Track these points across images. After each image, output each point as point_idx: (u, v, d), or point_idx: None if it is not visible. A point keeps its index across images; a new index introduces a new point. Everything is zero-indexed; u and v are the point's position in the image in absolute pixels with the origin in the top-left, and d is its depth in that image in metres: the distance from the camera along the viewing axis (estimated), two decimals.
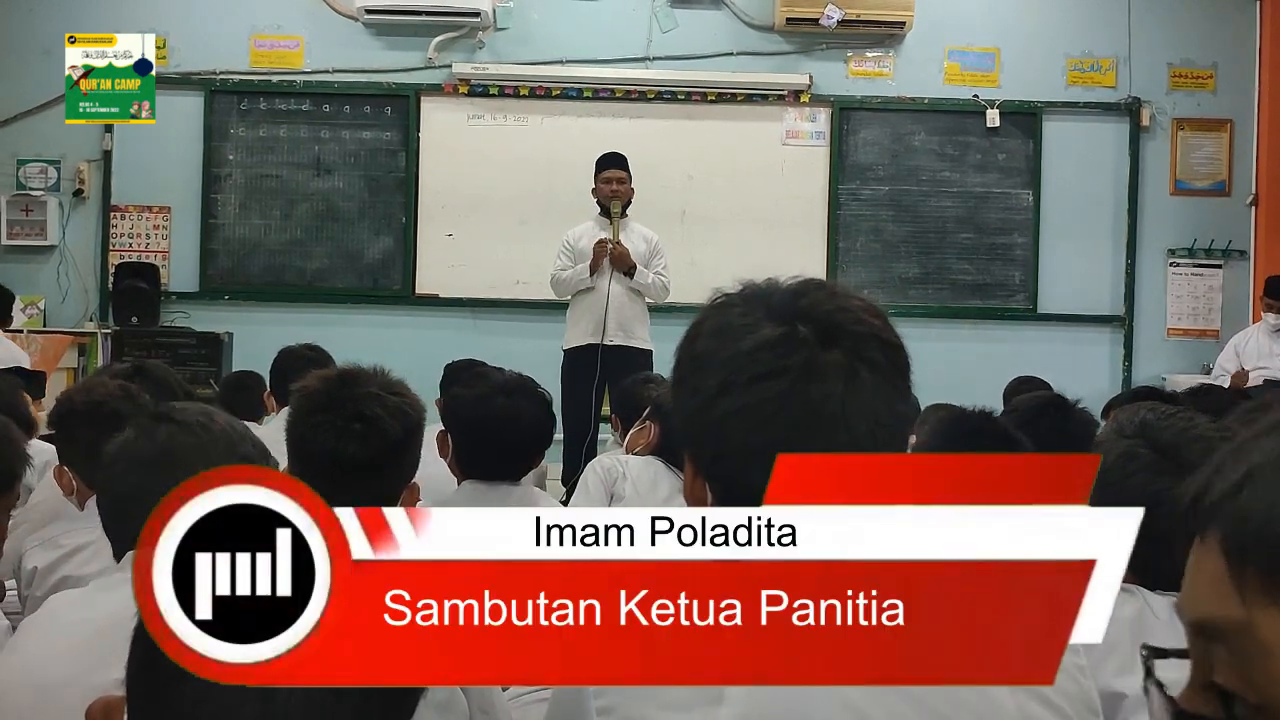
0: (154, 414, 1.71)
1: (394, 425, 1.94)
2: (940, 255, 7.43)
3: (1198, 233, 7.48)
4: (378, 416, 1.93)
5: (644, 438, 3.22)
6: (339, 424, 1.92)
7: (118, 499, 1.68)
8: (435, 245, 7.32)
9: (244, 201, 7.37)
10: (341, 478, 1.90)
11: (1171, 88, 7.48)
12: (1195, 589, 0.65)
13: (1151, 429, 1.73)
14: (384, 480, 1.96)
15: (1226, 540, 0.61)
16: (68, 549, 2.26)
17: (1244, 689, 0.60)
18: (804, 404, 1.10)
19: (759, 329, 1.13)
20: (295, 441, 1.97)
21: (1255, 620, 0.59)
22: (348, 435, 1.91)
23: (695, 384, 1.15)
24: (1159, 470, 1.68)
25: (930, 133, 7.43)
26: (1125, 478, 1.71)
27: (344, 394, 1.96)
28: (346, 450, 1.91)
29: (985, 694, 1.08)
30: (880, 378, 1.12)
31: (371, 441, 1.92)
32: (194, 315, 7.24)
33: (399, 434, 1.95)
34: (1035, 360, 6.94)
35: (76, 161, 7.32)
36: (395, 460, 1.97)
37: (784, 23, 7.19)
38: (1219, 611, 0.61)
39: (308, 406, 1.97)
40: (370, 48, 7.35)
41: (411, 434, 2.00)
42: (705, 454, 1.18)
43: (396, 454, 1.96)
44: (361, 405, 1.94)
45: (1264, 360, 6.46)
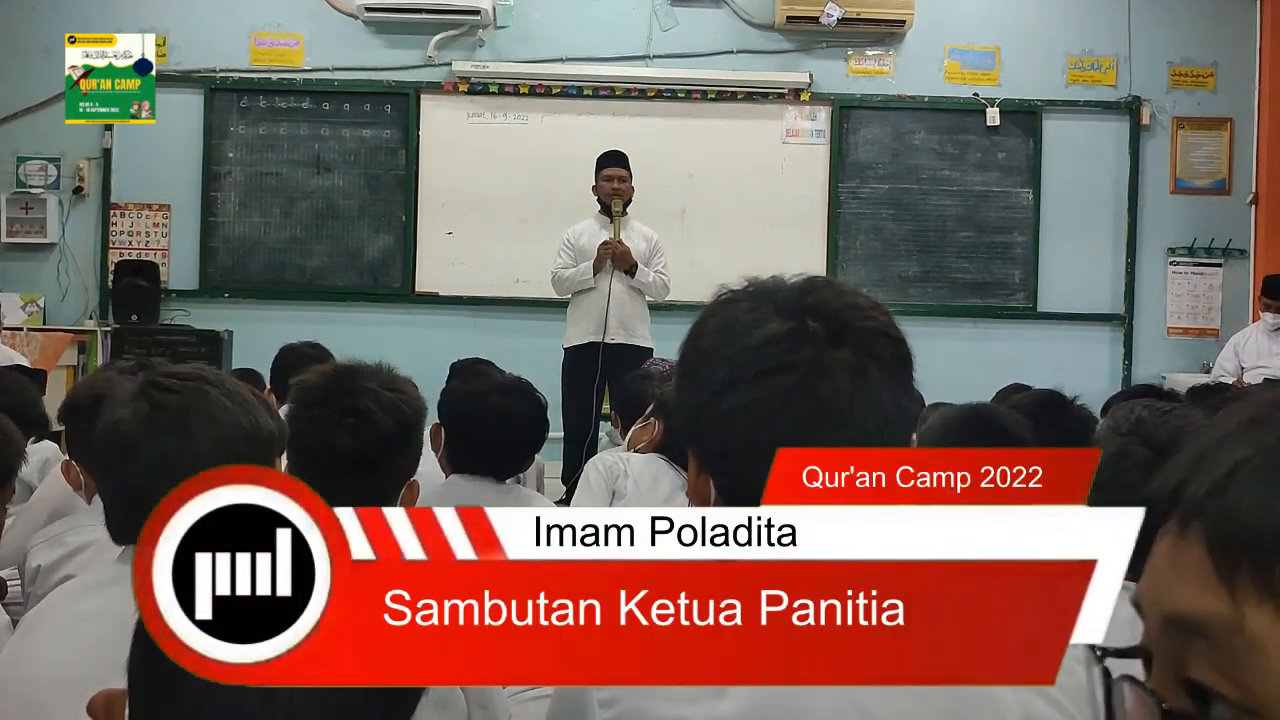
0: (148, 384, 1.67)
1: (387, 420, 1.95)
2: (940, 254, 7.43)
3: (1198, 231, 7.48)
4: (370, 411, 1.94)
5: (647, 434, 3.19)
6: (333, 418, 1.94)
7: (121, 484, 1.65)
8: (435, 243, 7.32)
9: (244, 199, 7.37)
10: (336, 472, 1.92)
11: (1171, 86, 7.48)
12: (1171, 583, 0.64)
13: (1147, 426, 1.74)
14: (380, 475, 1.97)
15: (1212, 535, 0.61)
16: (71, 547, 2.27)
17: (1226, 686, 0.60)
18: (812, 400, 1.10)
19: (767, 324, 1.12)
20: (293, 436, 1.98)
21: (1245, 616, 0.59)
22: (341, 429, 1.93)
23: (700, 379, 1.15)
24: (1153, 469, 1.69)
25: (930, 131, 7.43)
26: (1119, 476, 1.71)
27: (340, 388, 1.97)
28: (339, 444, 1.92)
29: (987, 688, 1.08)
30: (887, 374, 1.12)
31: (364, 435, 1.93)
32: (194, 313, 7.24)
33: (392, 428, 1.95)
34: (1035, 359, 6.96)
35: (76, 159, 7.32)
36: (389, 455, 1.97)
37: (784, 21, 7.19)
38: (1203, 607, 0.61)
39: (305, 400, 1.99)
40: (370, 46, 7.35)
41: (406, 430, 2.00)
42: (710, 450, 1.17)
43: (390, 449, 1.97)
44: (356, 400, 1.95)
45: (1263, 359, 6.47)
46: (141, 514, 0.76)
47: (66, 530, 2.33)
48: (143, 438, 1.58)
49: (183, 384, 1.63)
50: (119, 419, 1.61)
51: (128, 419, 1.60)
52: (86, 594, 1.60)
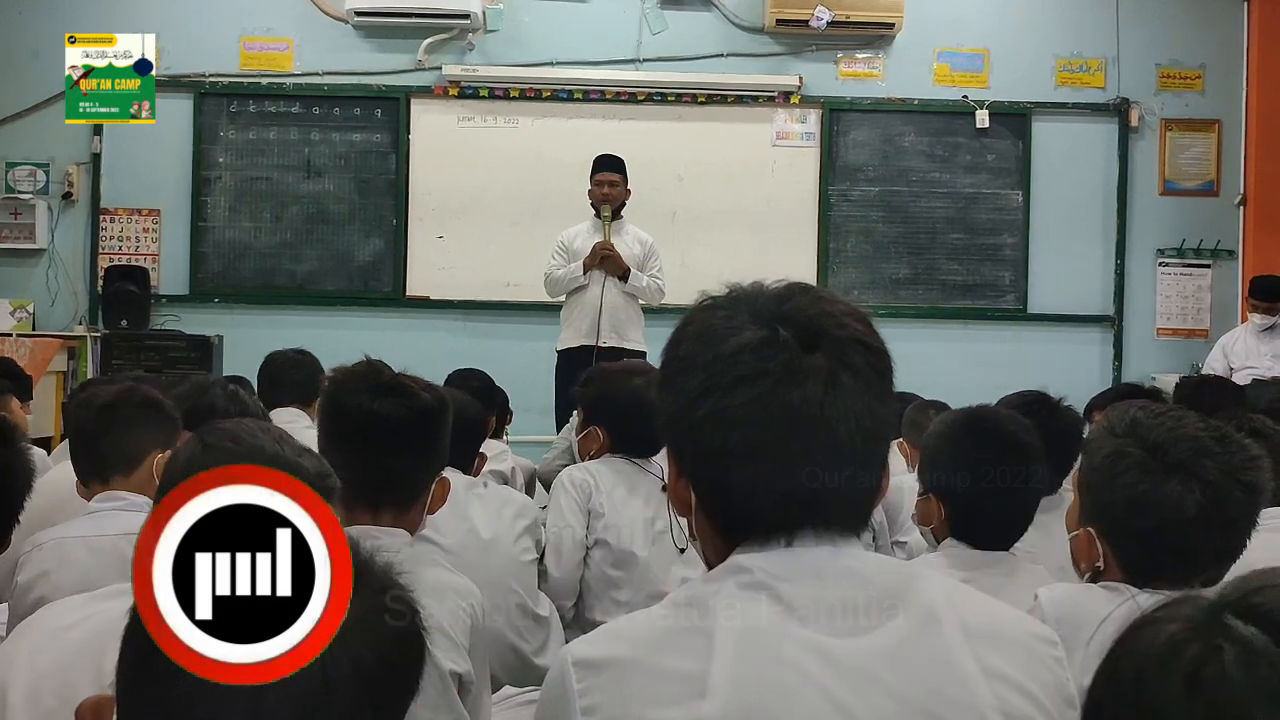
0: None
1: (426, 395, 2.02)
2: (930, 256, 7.45)
3: (1186, 233, 7.51)
4: (409, 386, 2.02)
5: (594, 442, 3.11)
6: (375, 390, 2.00)
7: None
8: (426, 247, 7.32)
9: (234, 204, 7.36)
10: (374, 442, 1.96)
11: (1160, 88, 7.51)
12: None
13: (1142, 428, 1.75)
14: (415, 454, 1.99)
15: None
16: (38, 572, 2.26)
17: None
18: (783, 407, 1.11)
19: (741, 332, 1.14)
20: (329, 411, 2.04)
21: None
22: (383, 395, 1.99)
23: (679, 385, 1.17)
24: (1147, 470, 1.70)
25: (920, 133, 7.44)
26: (1114, 477, 1.73)
27: (378, 369, 2.06)
28: (381, 409, 1.97)
29: (964, 685, 1.09)
30: (861, 382, 1.14)
31: (406, 403, 1.99)
32: (184, 318, 7.22)
33: (431, 403, 2.02)
34: (1025, 361, 6.98)
35: (65, 164, 7.30)
36: (425, 430, 2.02)
37: (774, 24, 7.20)
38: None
39: (344, 379, 2.05)
40: (360, 50, 7.34)
41: (442, 409, 2.05)
42: (686, 455, 1.19)
43: (427, 423, 2.01)
44: (395, 379, 2.04)
45: (1252, 360, 6.48)
46: None
47: (48, 540, 2.33)
48: None
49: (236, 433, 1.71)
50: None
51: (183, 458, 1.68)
52: (74, 610, 1.60)
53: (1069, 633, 1.61)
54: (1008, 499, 2.17)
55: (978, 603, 1.18)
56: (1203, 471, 1.67)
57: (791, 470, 1.13)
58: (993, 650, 1.12)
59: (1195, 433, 1.71)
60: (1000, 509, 2.18)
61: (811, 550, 1.14)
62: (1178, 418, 1.75)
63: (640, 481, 3.02)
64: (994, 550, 2.18)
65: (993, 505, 2.17)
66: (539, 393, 6.10)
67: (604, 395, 3.16)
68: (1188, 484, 1.67)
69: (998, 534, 2.19)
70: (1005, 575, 2.12)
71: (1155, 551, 1.68)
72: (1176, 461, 1.68)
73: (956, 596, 1.16)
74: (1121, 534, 1.73)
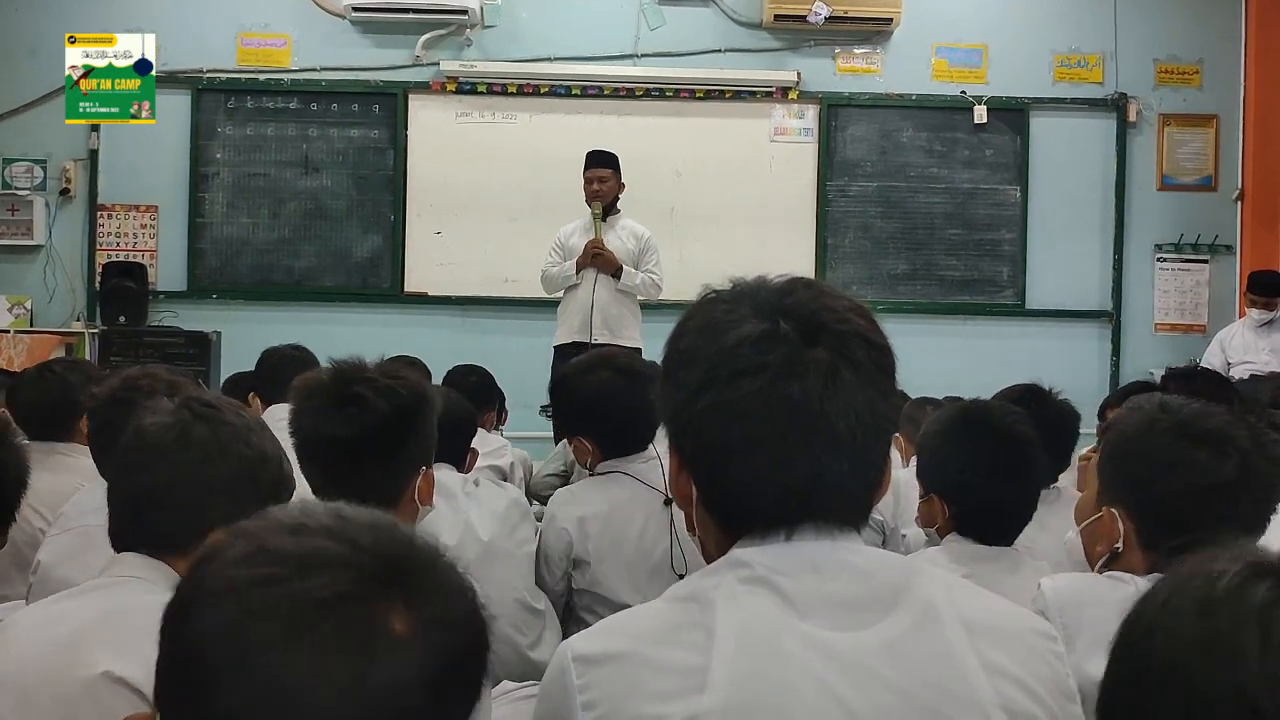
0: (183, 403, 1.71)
1: (381, 404, 1.98)
2: (928, 251, 7.44)
3: (1184, 228, 7.51)
4: (364, 397, 1.98)
5: (585, 453, 2.81)
6: (329, 408, 1.98)
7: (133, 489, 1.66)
8: (424, 243, 7.32)
9: (232, 200, 7.35)
10: (335, 461, 1.95)
11: (1158, 83, 7.50)
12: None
13: (1170, 407, 1.79)
14: (382, 463, 1.98)
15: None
16: (65, 554, 2.27)
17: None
18: (783, 400, 1.11)
19: (742, 325, 1.14)
20: (291, 430, 2.02)
21: None
22: (336, 418, 1.96)
23: (680, 378, 1.17)
24: (1180, 434, 1.71)
25: (918, 129, 7.44)
26: (1147, 441, 1.74)
27: (338, 381, 2.02)
28: (336, 432, 1.96)
29: (965, 679, 1.09)
30: (862, 376, 1.14)
31: (359, 422, 1.96)
32: (182, 314, 7.22)
33: (386, 411, 1.98)
34: (1023, 356, 6.98)
35: (63, 160, 7.29)
36: (387, 443, 1.99)
37: (772, 19, 7.19)
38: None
39: (305, 394, 2.03)
40: (357, 45, 7.33)
41: (405, 416, 2.01)
42: (687, 448, 1.19)
43: (387, 436, 1.98)
44: (352, 388, 1.99)
45: (1249, 355, 6.49)
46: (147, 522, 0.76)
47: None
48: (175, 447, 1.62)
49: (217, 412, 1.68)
50: (151, 424, 1.65)
51: (162, 424, 1.64)
52: (61, 604, 1.60)
53: (1072, 621, 1.61)
54: (1010, 491, 2.18)
55: (977, 598, 1.19)
56: (1235, 441, 1.70)
57: (791, 464, 1.13)
58: (993, 645, 1.12)
59: (1220, 413, 1.77)
60: (1003, 502, 2.18)
61: (810, 544, 1.14)
62: (1203, 403, 1.80)
63: (638, 504, 2.70)
64: (997, 545, 2.18)
65: (996, 499, 2.17)
66: (537, 388, 6.08)
67: (569, 408, 2.91)
68: (1221, 451, 1.69)
69: (1002, 528, 2.19)
70: (1007, 570, 2.12)
71: (1181, 522, 1.65)
72: (1208, 431, 1.71)
73: (956, 591, 1.17)
74: (1149, 501, 1.72)
